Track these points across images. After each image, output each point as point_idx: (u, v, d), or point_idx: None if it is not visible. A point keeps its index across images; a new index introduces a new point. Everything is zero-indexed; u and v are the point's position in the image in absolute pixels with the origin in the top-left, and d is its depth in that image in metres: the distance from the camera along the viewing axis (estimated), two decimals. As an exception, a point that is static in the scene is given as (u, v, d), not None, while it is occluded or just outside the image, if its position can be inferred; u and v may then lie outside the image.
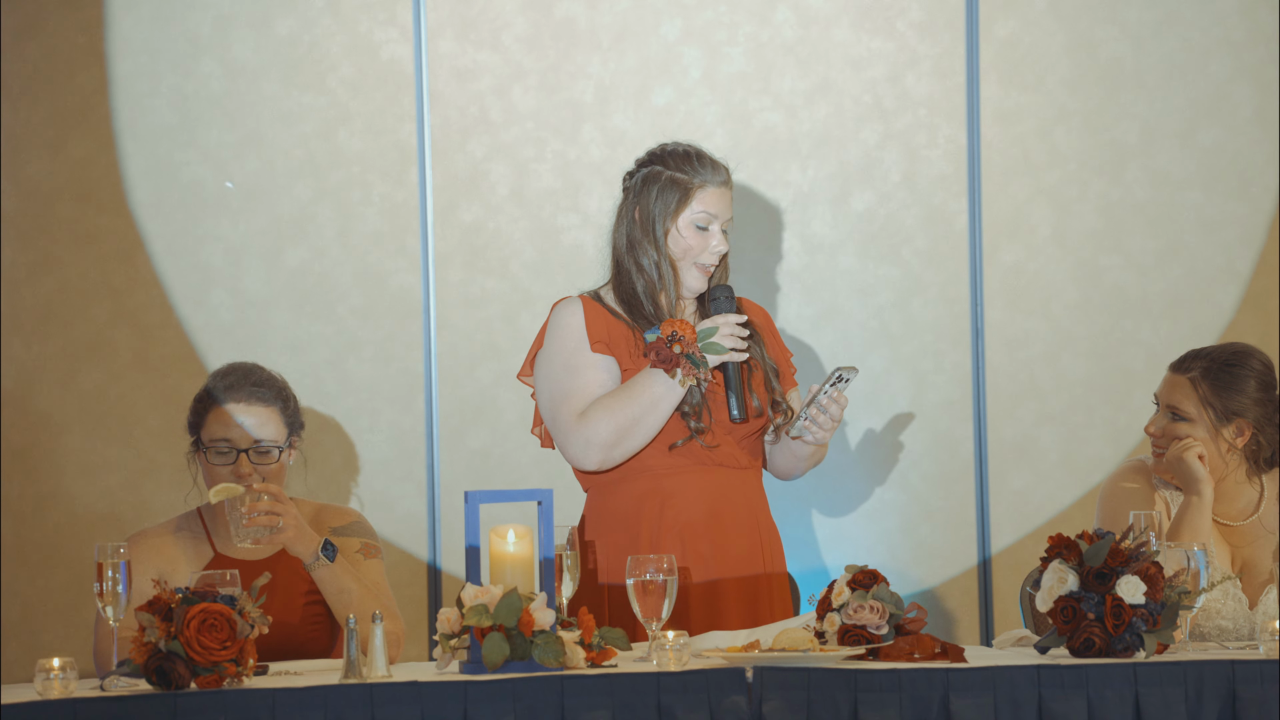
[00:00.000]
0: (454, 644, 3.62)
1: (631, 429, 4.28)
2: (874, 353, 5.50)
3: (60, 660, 3.50)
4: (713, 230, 4.37)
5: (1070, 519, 5.49)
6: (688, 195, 4.37)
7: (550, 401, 4.34)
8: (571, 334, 4.35)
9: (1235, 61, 5.56)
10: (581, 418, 4.29)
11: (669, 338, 4.25)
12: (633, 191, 4.41)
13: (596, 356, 4.33)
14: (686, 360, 4.25)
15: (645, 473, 4.34)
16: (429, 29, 5.40)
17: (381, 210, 5.39)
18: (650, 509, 4.32)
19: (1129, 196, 5.56)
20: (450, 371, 5.40)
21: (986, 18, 5.51)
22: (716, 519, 4.34)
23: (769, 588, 4.39)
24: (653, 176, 4.40)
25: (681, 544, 4.31)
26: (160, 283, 5.36)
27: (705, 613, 4.30)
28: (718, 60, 5.46)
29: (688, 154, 4.40)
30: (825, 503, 5.47)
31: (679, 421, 4.32)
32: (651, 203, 4.38)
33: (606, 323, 4.35)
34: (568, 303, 4.40)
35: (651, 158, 4.43)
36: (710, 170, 4.38)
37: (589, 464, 4.31)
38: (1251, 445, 4.39)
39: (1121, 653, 3.68)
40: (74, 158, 5.33)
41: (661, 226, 4.36)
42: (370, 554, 4.36)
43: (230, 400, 4.30)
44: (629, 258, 4.39)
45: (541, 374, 4.38)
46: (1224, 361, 4.40)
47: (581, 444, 4.29)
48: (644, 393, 4.27)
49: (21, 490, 5.29)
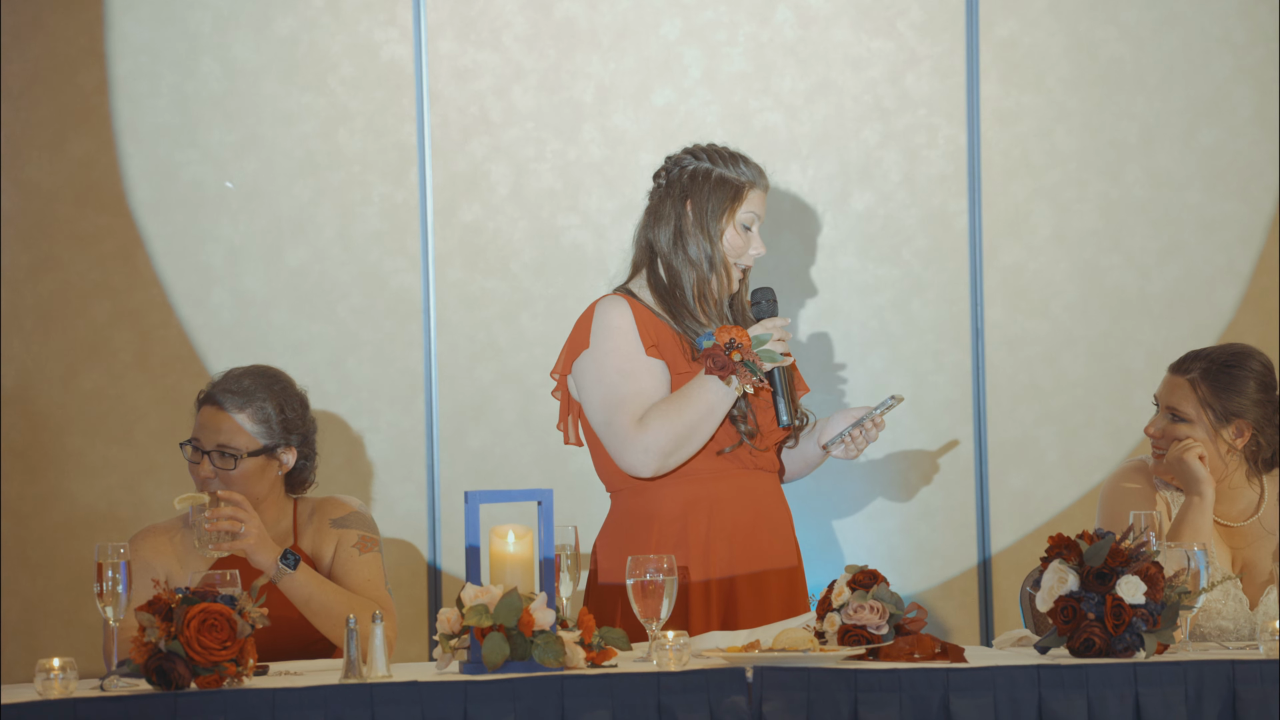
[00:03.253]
0: (454, 644, 3.62)
1: (689, 436, 4.28)
2: (874, 353, 5.50)
3: (60, 660, 3.50)
4: (754, 232, 4.40)
5: (1070, 519, 5.49)
6: (740, 195, 4.39)
7: (604, 407, 4.31)
8: (623, 336, 4.33)
9: (1235, 61, 5.56)
10: (640, 425, 4.27)
11: (727, 345, 4.24)
12: (678, 186, 4.40)
13: (650, 361, 4.32)
14: (744, 367, 4.25)
15: (690, 477, 4.34)
16: (429, 29, 5.40)
17: (381, 210, 5.39)
18: (699, 514, 4.33)
19: (1129, 196, 5.56)
20: (450, 371, 5.40)
21: (986, 18, 5.51)
22: (761, 520, 4.38)
23: (801, 582, 4.43)
24: (702, 174, 4.39)
25: (730, 547, 4.33)
26: (160, 283, 5.36)
27: (752, 605, 4.32)
28: (718, 60, 5.46)
29: (733, 154, 4.43)
30: (825, 503, 5.47)
31: (728, 427, 4.33)
32: (705, 198, 4.37)
33: (654, 325, 4.35)
34: (613, 302, 4.37)
35: (695, 155, 4.43)
36: (756, 172, 4.42)
37: (646, 471, 4.30)
38: (1251, 446, 4.39)
39: (1121, 653, 3.68)
40: (74, 158, 5.33)
41: (716, 224, 4.37)
42: (366, 547, 4.35)
43: (209, 402, 4.32)
44: (676, 252, 4.38)
45: (589, 376, 4.35)
46: (1223, 362, 4.40)
47: (640, 451, 4.28)
48: (701, 400, 4.27)
49: (21, 490, 5.29)
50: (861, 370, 5.49)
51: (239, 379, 4.33)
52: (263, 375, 4.36)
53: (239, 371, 4.36)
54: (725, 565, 4.32)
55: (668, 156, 4.47)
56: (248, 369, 4.38)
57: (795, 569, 4.43)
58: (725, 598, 4.32)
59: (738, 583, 4.32)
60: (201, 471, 4.28)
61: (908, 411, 5.48)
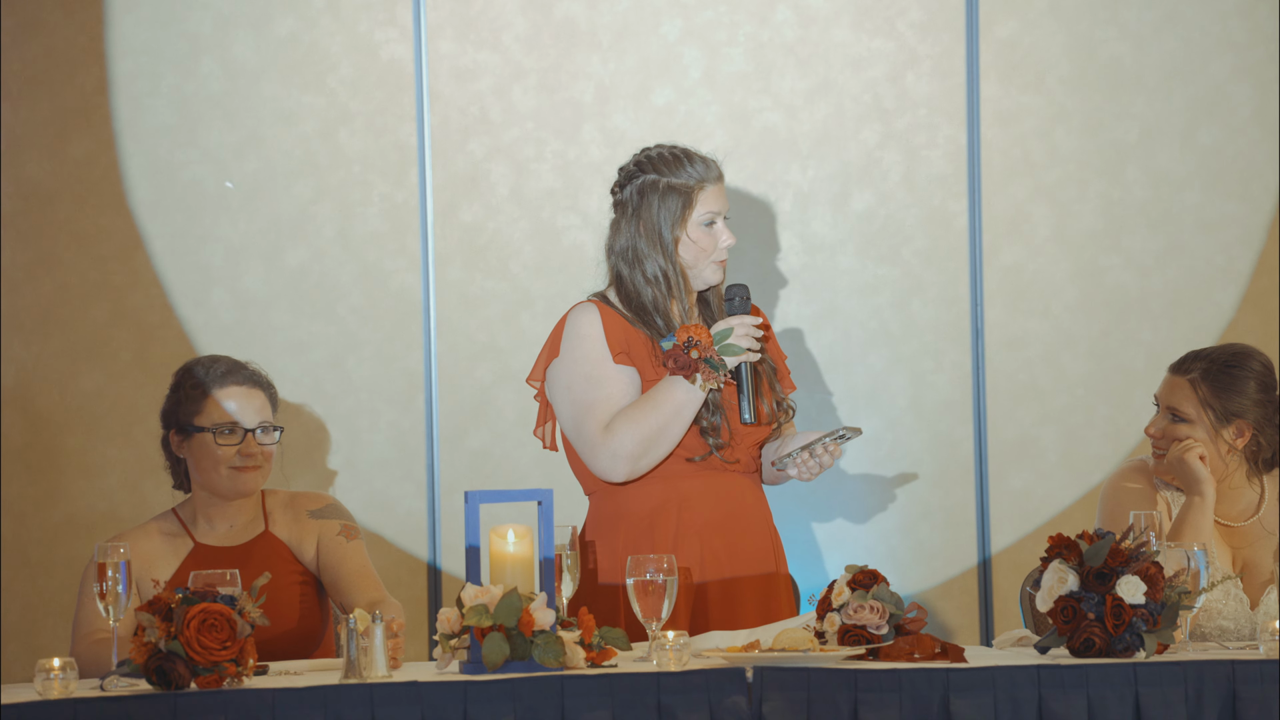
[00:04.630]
0: (454, 644, 3.62)
1: (657, 438, 4.28)
2: (874, 353, 5.50)
3: (60, 660, 3.50)
4: (719, 225, 4.37)
5: (1070, 519, 5.49)
6: (690, 200, 4.35)
7: (573, 414, 4.32)
8: (591, 344, 4.33)
9: (1235, 61, 5.56)
10: (607, 431, 4.27)
11: (686, 344, 4.24)
12: (629, 204, 4.38)
13: (618, 368, 4.31)
14: (705, 365, 4.24)
15: (661, 478, 4.34)
16: (429, 29, 5.40)
17: (381, 210, 5.39)
18: (668, 513, 4.32)
19: (1129, 196, 5.56)
20: (450, 371, 5.40)
21: (986, 18, 5.51)
22: (733, 520, 4.35)
23: (781, 587, 4.40)
24: (649, 186, 4.36)
25: (700, 545, 4.32)
26: (160, 283, 5.36)
27: (723, 611, 4.30)
28: (718, 60, 5.46)
29: (677, 157, 4.37)
30: (825, 503, 5.47)
31: (696, 436, 4.32)
32: (655, 213, 4.35)
33: (625, 331, 4.34)
34: (583, 311, 4.37)
35: (641, 166, 4.38)
36: (704, 168, 4.36)
37: (617, 476, 4.30)
38: (1251, 446, 4.39)
39: (1121, 653, 3.68)
40: (74, 158, 5.33)
41: (670, 235, 4.34)
42: (351, 535, 4.38)
43: (230, 384, 4.35)
44: (634, 270, 4.36)
45: (559, 384, 4.35)
46: (1224, 363, 4.40)
47: (609, 457, 4.28)
48: (667, 401, 4.27)
49: (21, 490, 5.29)
50: (862, 370, 5.49)
51: (236, 362, 4.39)
52: (237, 360, 4.43)
53: (221, 359, 4.41)
54: (696, 563, 4.31)
55: (620, 169, 4.42)
56: (215, 356, 4.44)
57: (774, 575, 4.39)
58: (696, 600, 4.31)
59: (709, 588, 4.30)
60: (248, 449, 4.31)
61: (908, 412, 5.48)
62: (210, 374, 4.36)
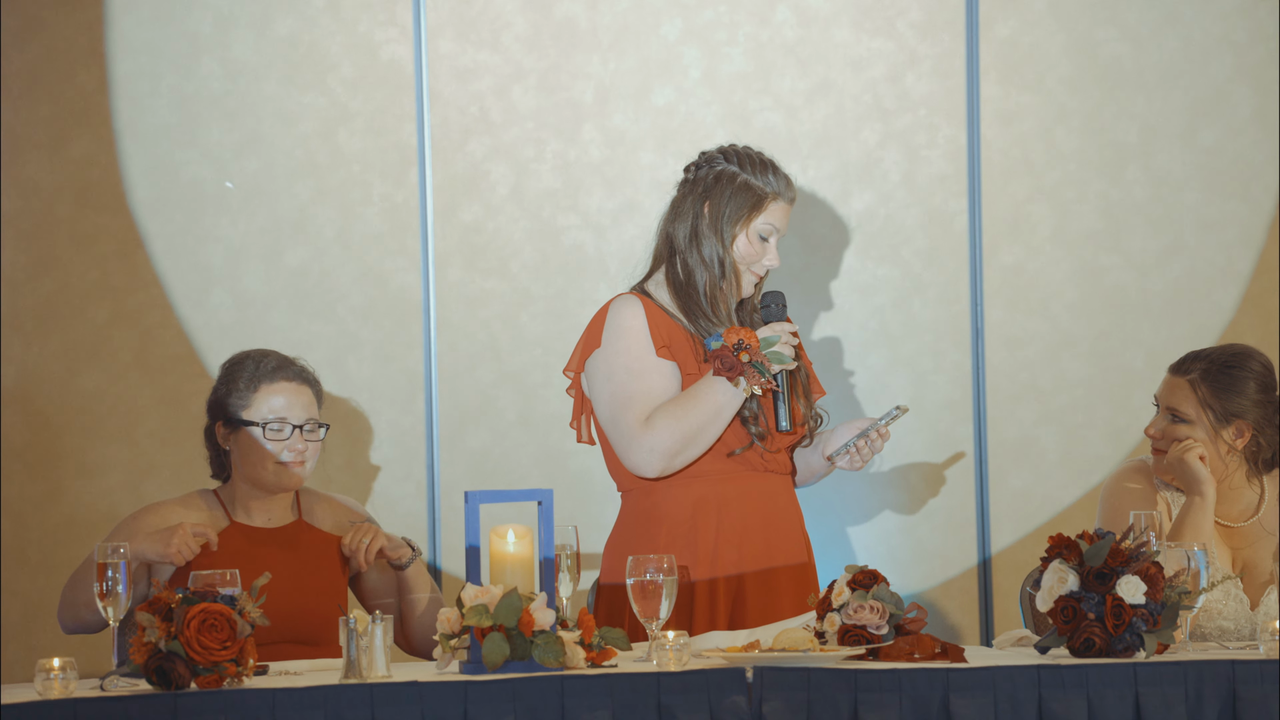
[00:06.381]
0: (454, 644, 3.63)
1: (695, 438, 4.28)
2: (874, 353, 5.50)
3: (60, 660, 3.50)
4: (771, 244, 4.39)
5: (1070, 519, 5.49)
6: (760, 205, 4.38)
7: (611, 405, 4.32)
8: (634, 336, 4.33)
9: (1235, 61, 5.56)
10: (647, 424, 4.27)
11: (735, 346, 4.24)
12: (701, 185, 4.39)
13: (660, 361, 4.32)
14: (752, 369, 4.25)
15: (700, 478, 4.34)
16: (429, 29, 5.40)
17: (381, 210, 5.39)
18: (708, 515, 4.32)
19: (1129, 196, 5.56)
20: (450, 371, 5.40)
21: (986, 18, 5.51)
22: (772, 523, 4.37)
23: (813, 578, 4.42)
24: (727, 176, 4.39)
25: (739, 549, 4.32)
26: (160, 283, 5.36)
27: (762, 601, 4.31)
28: (718, 60, 5.46)
29: (765, 162, 4.41)
30: (825, 503, 5.47)
31: (738, 428, 4.33)
32: (724, 202, 4.37)
33: (667, 325, 4.35)
34: (626, 302, 4.37)
35: (725, 156, 4.42)
36: (783, 184, 4.40)
37: (650, 471, 4.30)
38: (1251, 447, 4.39)
39: (1122, 653, 3.68)
40: (74, 158, 5.33)
41: (730, 229, 4.36)
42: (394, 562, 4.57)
43: (280, 379, 4.39)
44: (691, 250, 4.38)
45: (599, 375, 4.35)
46: (1223, 363, 4.40)
47: (645, 451, 4.28)
48: (708, 401, 4.27)
49: (21, 490, 5.29)
50: (861, 370, 5.49)
51: (284, 357, 4.45)
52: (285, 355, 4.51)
53: (271, 353, 4.50)
54: (734, 567, 4.32)
55: (701, 152, 4.46)
56: (265, 350, 4.49)
57: (806, 564, 4.42)
58: (732, 596, 4.32)
59: (746, 580, 4.32)
60: (295, 446, 4.34)
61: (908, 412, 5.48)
62: (260, 369, 4.41)
